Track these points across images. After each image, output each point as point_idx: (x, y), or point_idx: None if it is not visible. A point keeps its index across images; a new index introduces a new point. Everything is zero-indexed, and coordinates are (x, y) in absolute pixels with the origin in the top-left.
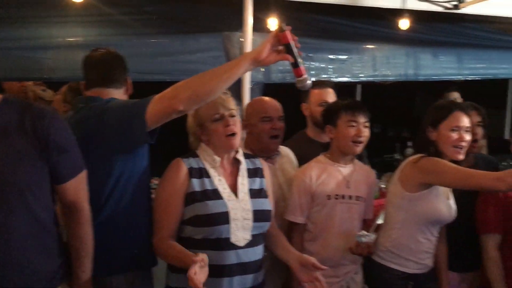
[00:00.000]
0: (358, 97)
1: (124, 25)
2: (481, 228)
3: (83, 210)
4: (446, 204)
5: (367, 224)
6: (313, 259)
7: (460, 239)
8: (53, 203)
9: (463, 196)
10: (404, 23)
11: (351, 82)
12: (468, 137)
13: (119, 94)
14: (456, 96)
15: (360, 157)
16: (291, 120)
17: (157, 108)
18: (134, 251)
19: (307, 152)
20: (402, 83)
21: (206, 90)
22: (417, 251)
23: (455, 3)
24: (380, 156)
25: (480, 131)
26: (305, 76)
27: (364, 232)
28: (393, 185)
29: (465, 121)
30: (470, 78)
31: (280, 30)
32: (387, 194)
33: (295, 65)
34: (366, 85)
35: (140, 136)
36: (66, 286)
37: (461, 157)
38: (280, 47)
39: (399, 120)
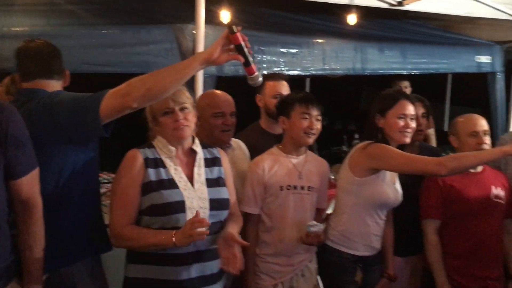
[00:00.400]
0: (307, 90)
1: (73, 15)
2: (422, 213)
3: (37, 206)
4: (392, 188)
5: (321, 213)
6: (233, 234)
7: (404, 225)
8: (6, 200)
9: (408, 184)
10: (352, 19)
11: (301, 75)
12: (413, 124)
13: (58, 85)
14: (406, 84)
15: (310, 149)
16: (244, 112)
17: (110, 104)
18: (87, 238)
19: (260, 143)
20: (349, 77)
21: (159, 88)
22: (366, 234)
23: (399, 0)
24: (328, 148)
25: (424, 121)
26: (257, 73)
27: (314, 222)
28: (343, 171)
29: (411, 109)
30: (413, 72)
31: (231, 31)
32: (338, 180)
33: (246, 64)
34: (314, 79)
35: (94, 130)
36: (15, 284)
37: (407, 140)
38: (231, 46)
39: (346, 113)
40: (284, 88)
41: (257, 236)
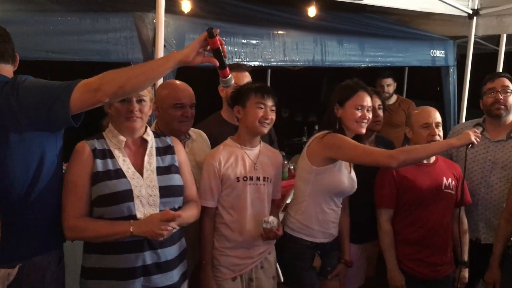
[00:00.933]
0: (268, 82)
1: (30, 1)
2: (377, 202)
3: None
4: (348, 177)
5: (275, 204)
6: (167, 211)
7: (359, 213)
8: None
9: (363, 173)
10: (312, 11)
11: (262, 66)
12: (369, 115)
13: (11, 70)
14: (389, 82)
15: (271, 142)
16: (206, 102)
17: (81, 97)
18: (57, 228)
19: (221, 133)
20: (309, 69)
21: (132, 86)
22: (324, 221)
23: None
24: (289, 139)
25: (380, 113)
26: (230, 76)
27: (267, 218)
28: (301, 161)
29: (368, 101)
30: (370, 65)
31: (210, 35)
32: (296, 170)
33: (221, 67)
34: (275, 71)
35: (63, 120)
36: None
37: (363, 130)
38: (208, 48)
39: (307, 105)
40: (246, 79)
41: (215, 229)
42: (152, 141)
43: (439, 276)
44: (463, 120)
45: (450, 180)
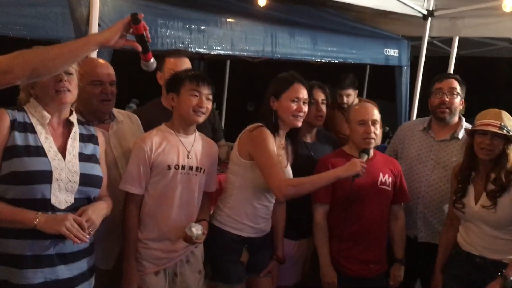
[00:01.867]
0: (227, 74)
1: None
2: (312, 197)
3: None
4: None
5: (210, 197)
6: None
7: (296, 209)
8: None
9: (300, 168)
10: (261, 0)
11: (207, 54)
12: (305, 108)
13: None
14: (349, 92)
15: (214, 131)
16: (146, 88)
17: None
18: None
19: (158, 119)
20: (274, 62)
21: (47, 69)
22: (253, 215)
23: None
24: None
25: (323, 108)
26: (152, 60)
27: (193, 226)
28: (233, 152)
29: (304, 93)
30: (323, 60)
31: (135, 21)
32: (229, 161)
33: (145, 52)
34: (235, 62)
35: None
36: None
37: (299, 124)
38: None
39: None
40: (185, 65)
41: (139, 219)
42: (76, 125)
43: (371, 274)
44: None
45: (386, 176)
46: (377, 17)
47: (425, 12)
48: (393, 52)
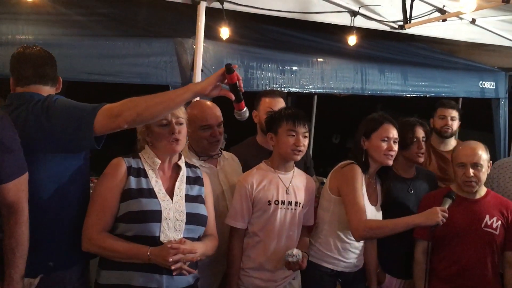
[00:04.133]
0: (314, 108)
1: (76, 25)
2: (413, 233)
3: (23, 211)
4: (370, 211)
5: (307, 230)
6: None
7: (401, 246)
8: None
9: (400, 205)
10: (352, 40)
11: (299, 92)
12: (395, 147)
13: (52, 91)
14: (454, 114)
15: (306, 168)
16: (243, 127)
17: (103, 121)
18: (80, 245)
19: (255, 158)
20: (363, 96)
21: (150, 114)
22: (344, 250)
23: (400, 23)
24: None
25: (424, 145)
26: (245, 109)
27: (291, 251)
28: (324, 188)
29: (394, 133)
30: (414, 95)
31: (229, 71)
32: (320, 196)
33: (237, 101)
34: (322, 96)
35: (87, 141)
36: None
37: (390, 162)
38: (225, 82)
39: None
40: (279, 105)
41: (242, 250)
42: (184, 168)
43: None
44: None
45: (494, 219)
46: (471, 49)
47: None
48: (489, 85)
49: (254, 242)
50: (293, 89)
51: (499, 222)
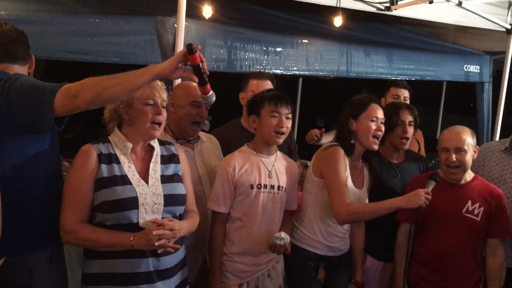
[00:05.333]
0: (299, 91)
1: (51, 1)
2: (396, 215)
3: None
4: (355, 194)
5: (291, 214)
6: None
7: (383, 229)
8: None
9: (386, 190)
10: (337, 21)
11: (284, 74)
12: (383, 127)
13: (23, 70)
14: (406, 94)
15: (290, 152)
16: (227, 108)
17: (62, 102)
18: (48, 227)
19: (238, 140)
20: (345, 78)
21: (109, 95)
22: (327, 233)
23: (387, 5)
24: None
25: (411, 130)
26: (211, 93)
27: (279, 234)
28: (308, 170)
29: (381, 113)
30: (399, 77)
31: (190, 52)
32: (305, 178)
33: (201, 83)
34: (307, 79)
35: (46, 122)
36: None
37: (376, 147)
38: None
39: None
40: (267, 87)
41: (225, 235)
42: (158, 148)
43: None
44: (497, 138)
45: (477, 205)
46: (456, 32)
47: (509, 27)
48: (473, 68)
49: (237, 227)
50: (278, 71)
51: (482, 208)
